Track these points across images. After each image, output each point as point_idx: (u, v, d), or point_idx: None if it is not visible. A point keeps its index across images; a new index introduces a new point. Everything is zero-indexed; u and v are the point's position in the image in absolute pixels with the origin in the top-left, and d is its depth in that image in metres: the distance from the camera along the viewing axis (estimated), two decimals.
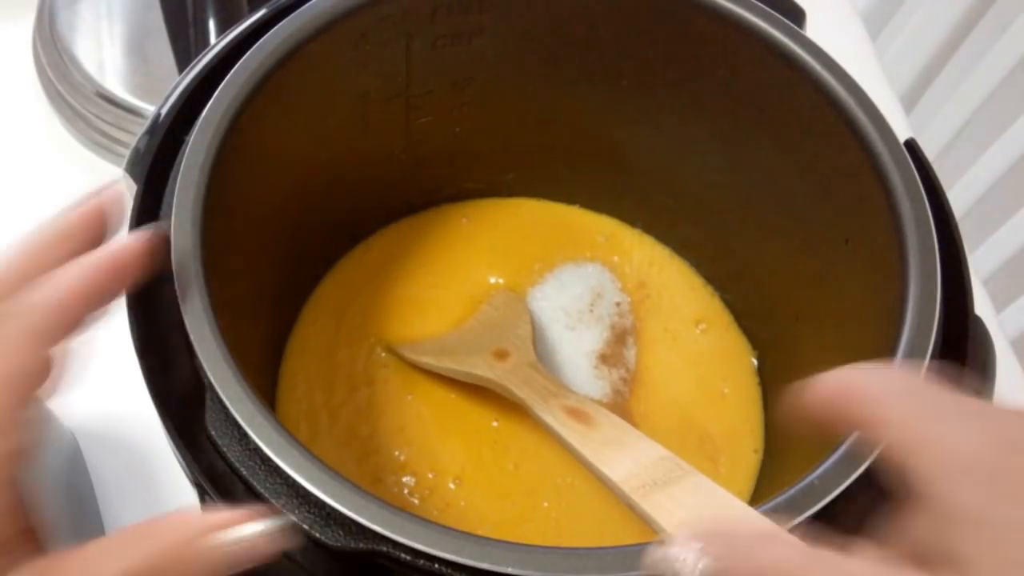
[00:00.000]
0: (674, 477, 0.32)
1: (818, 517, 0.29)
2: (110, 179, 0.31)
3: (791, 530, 0.28)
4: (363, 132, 0.44)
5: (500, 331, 0.45)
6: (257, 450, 0.28)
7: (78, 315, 0.27)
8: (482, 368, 0.43)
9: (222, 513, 0.26)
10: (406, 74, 0.43)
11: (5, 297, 0.27)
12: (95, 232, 0.29)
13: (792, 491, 0.29)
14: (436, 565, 0.27)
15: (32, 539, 0.26)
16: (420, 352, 0.45)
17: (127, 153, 0.35)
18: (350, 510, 0.27)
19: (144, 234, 0.29)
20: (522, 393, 0.41)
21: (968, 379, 0.33)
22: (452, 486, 0.43)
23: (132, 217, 0.34)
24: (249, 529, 0.25)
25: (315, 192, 0.44)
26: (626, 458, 0.34)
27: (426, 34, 0.41)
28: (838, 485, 0.29)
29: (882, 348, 0.33)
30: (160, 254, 0.30)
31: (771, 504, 0.29)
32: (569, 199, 0.53)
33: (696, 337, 0.49)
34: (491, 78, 0.45)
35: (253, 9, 0.39)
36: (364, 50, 0.40)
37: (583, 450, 0.36)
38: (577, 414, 0.39)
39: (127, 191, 0.33)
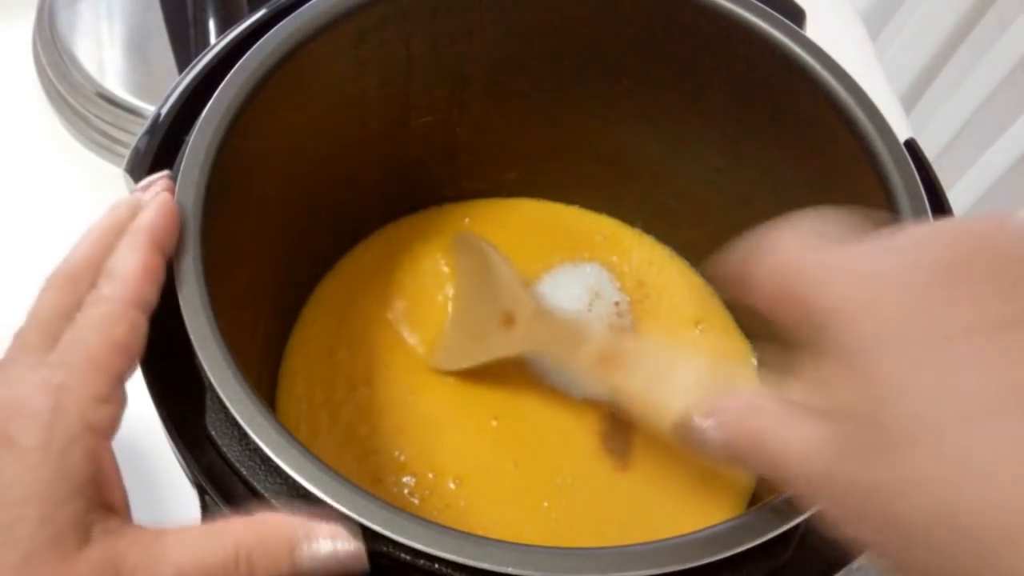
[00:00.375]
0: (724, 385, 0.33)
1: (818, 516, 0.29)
2: (161, 174, 0.33)
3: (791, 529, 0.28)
4: (363, 132, 0.44)
5: (490, 290, 0.45)
6: (257, 450, 0.28)
7: (155, 282, 0.29)
8: (503, 347, 0.43)
9: (305, 522, 0.27)
10: (406, 74, 0.43)
11: (87, 283, 0.29)
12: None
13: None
14: (436, 565, 0.27)
15: (113, 513, 0.27)
16: (445, 359, 0.45)
17: (127, 153, 0.35)
18: (350, 510, 0.27)
19: (162, 193, 0.31)
20: (551, 358, 0.41)
21: None
22: (452, 486, 0.43)
23: None
24: (330, 545, 0.26)
25: (315, 192, 0.44)
26: (675, 389, 0.34)
27: (426, 34, 0.41)
28: None
29: None
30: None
31: (771, 504, 0.29)
32: (569, 199, 0.53)
33: (696, 337, 0.49)
34: (491, 78, 0.45)
35: (253, 9, 0.39)
36: (364, 50, 0.40)
37: (631, 404, 0.36)
38: (609, 361, 0.39)
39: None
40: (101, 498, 0.27)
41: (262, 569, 0.26)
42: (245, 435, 0.29)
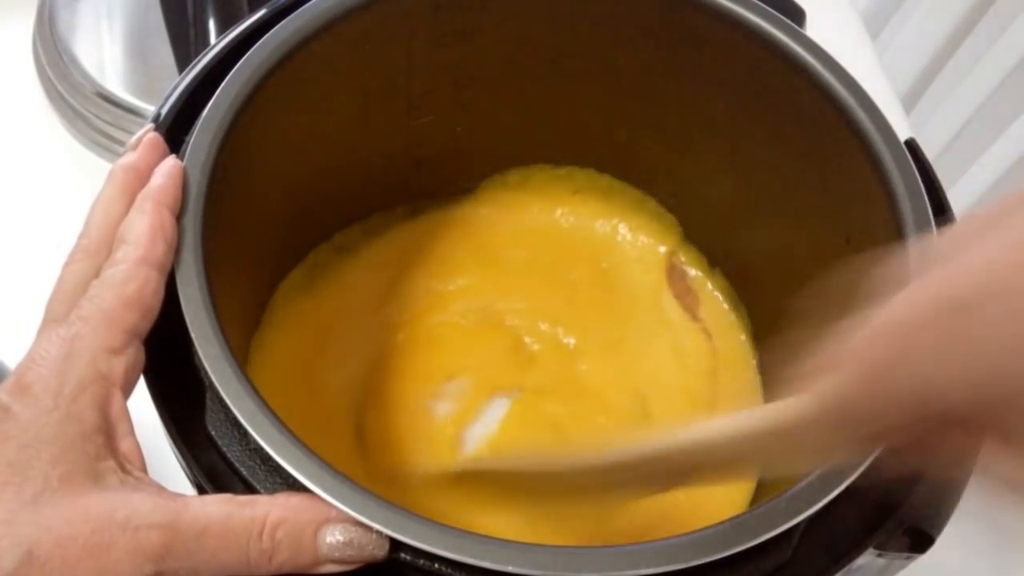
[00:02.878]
0: None
1: (818, 517, 0.29)
2: (144, 128, 0.34)
3: (791, 529, 0.28)
4: (364, 132, 0.44)
5: None
6: (257, 449, 0.28)
7: (164, 239, 0.30)
8: None
9: (331, 507, 0.27)
10: (407, 73, 0.43)
11: (105, 253, 0.30)
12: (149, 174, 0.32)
13: (792, 491, 0.29)
14: (436, 564, 0.27)
15: (130, 465, 0.28)
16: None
17: None
18: (352, 509, 0.27)
19: (169, 161, 0.33)
20: None
21: None
22: (454, 486, 0.43)
23: None
24: (354, 531, 0.27)
25: (315, 191, 0.44)
26: None
27: (428, 33, 0.41)
28: (838, 485, 0.29)
29: None
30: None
31: (771, 504, 0.29)
32: (568, 199, 0.53)
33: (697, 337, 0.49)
34: (492, 77, 0.45)
35: (253, 9, 0.39)
36: (365, 49, 0.40)
37: None
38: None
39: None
40: (112, 447, 0.27)
41: (285, 544, 0.26)
42: (245, 435, 0.29)
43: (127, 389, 0.29)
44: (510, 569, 0.26)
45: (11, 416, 0.26)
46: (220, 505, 0.26)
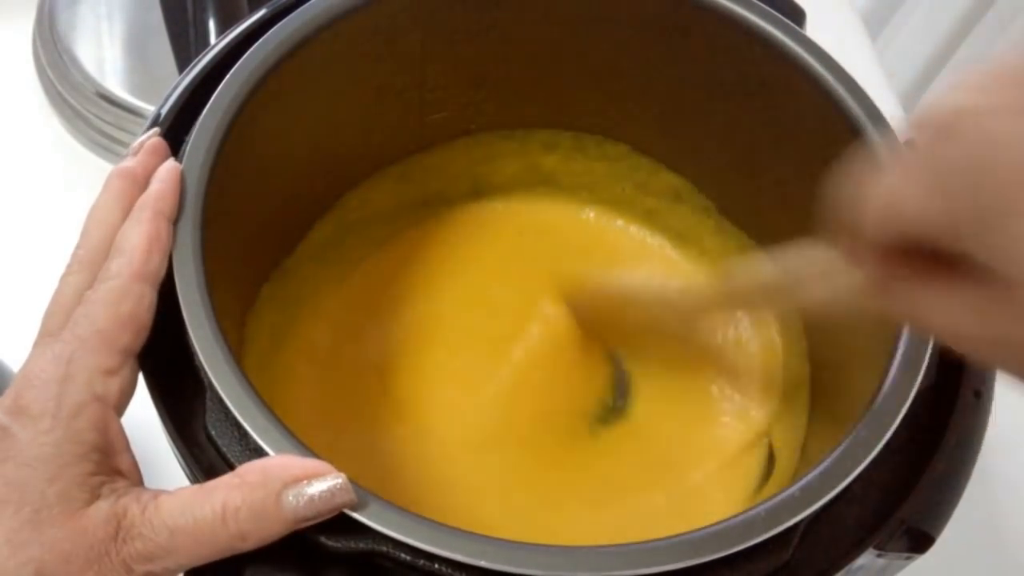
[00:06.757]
0: None
1: (818, 517, 0.29)
2: (148, 132, 0.34)
3: (791, 529, 0.28)
4: (371, 130, 0.44)
5: None
6: (257, 450, 0.28)
7: (161, 251, 0.30)
8: None
9: (285, 469, 0.27)
10: (421, 69, 0.43)
11: (101, 263, 0.30)
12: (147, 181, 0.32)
13: (792, 490, 0.29)
14: (436, 564, 0.27)
15: (121, 477, 0.28)
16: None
17: None
18: (351, 508, 0.27)
19: (168, 165, 0.33)
20: None
21: (968, 379, 0.33)
22: (456, 486, 0.43)
23: None
24: (314, 487, 0.27)
25: (320, 191, 0.44)
26: None
27: (442, 29, 0.41)
28: (838, 485, 0.29)
29: (882, 347, 0.33)
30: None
31: (771, 503, 0.29)
32: (583, 198, 0.52)
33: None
34: (507, 74, 0.45)
35: (253, 9, 0.39)
36: (378, 44, 0.40)
37: None
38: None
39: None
40: (109, 464, 0.28)
41: (252, 524, 0.26)
42: (245, 435, 0.29)
43: (121, 408, 0.29)
44: (512, 569, 0.26)
45: (10, 436, 0.27)
46: (181, 504, 0.27)
